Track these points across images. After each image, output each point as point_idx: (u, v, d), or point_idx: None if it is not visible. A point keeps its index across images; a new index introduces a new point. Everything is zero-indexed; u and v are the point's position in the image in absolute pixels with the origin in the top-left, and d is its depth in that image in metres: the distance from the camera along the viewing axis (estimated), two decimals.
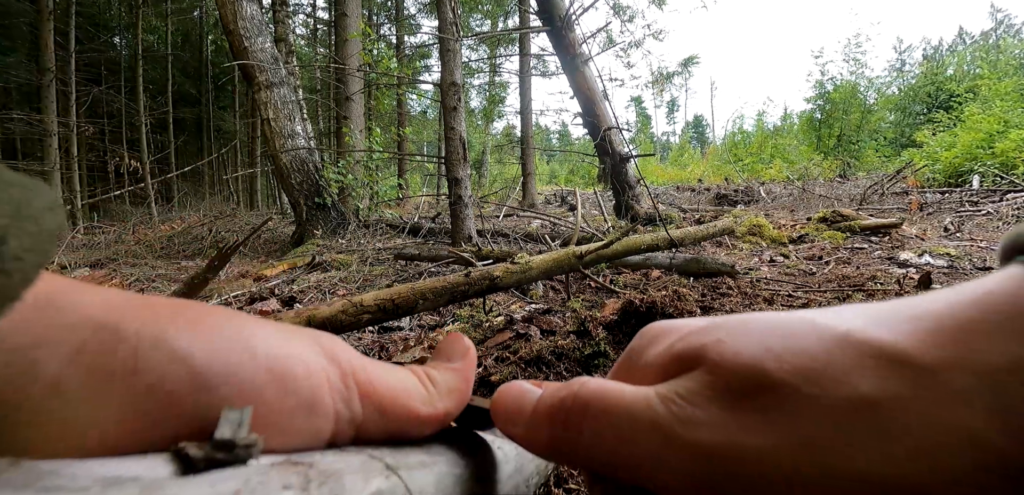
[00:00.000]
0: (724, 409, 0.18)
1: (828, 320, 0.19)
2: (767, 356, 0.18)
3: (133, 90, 11.70)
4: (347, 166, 5.42)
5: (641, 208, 4.62)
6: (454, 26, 3.54)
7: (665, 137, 55.86)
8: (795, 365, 0.18)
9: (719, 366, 0.19)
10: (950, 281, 1.74)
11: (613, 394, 0.21)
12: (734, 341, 0.20)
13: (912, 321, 0.18)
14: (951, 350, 0.16)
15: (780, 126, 19.61)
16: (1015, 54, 12.58)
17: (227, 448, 0.15)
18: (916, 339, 0.17)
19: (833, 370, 0.17)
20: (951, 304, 0.18)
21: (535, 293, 1.85)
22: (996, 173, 5.66)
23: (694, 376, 0.20)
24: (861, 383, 0.17)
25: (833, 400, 0.17)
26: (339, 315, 1.13)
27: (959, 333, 0.17)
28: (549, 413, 0.22)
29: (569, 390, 0.22)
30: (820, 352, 0.18)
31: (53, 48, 7.96)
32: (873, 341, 0.17)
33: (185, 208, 9.01)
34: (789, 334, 0.19)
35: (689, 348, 0.21)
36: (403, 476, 0.21)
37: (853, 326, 0.18)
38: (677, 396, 0.19)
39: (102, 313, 0.18)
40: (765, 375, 0.18)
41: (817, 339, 0.18)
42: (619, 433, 0.20)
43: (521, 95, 10.08)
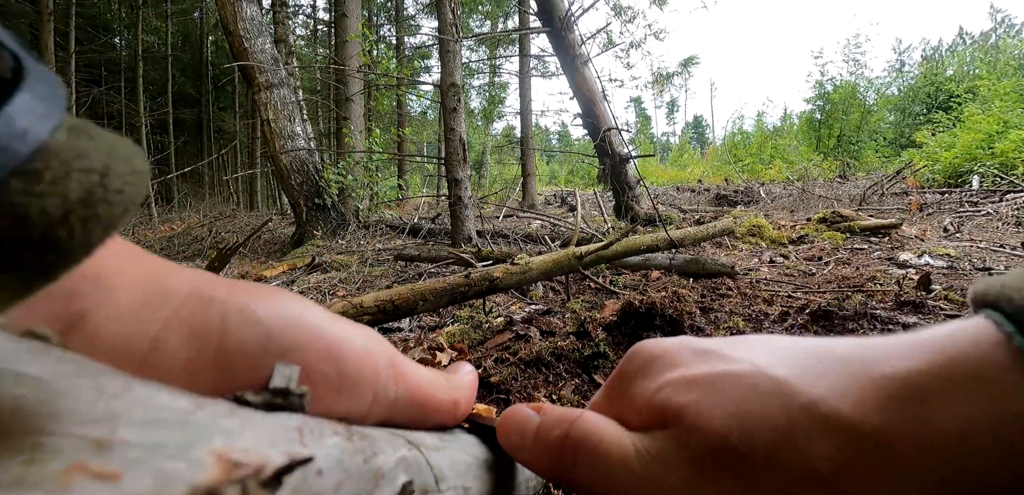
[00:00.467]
0: (691, 473, 0.20)
1: (796, 382, 0.20)
2: (734, 426, 0.20)
3: (133, 91, 11.71)
4: (347, 167, 5.42)
5: (641, 209, 4.62)
6: (454, 27, 3.54)
7: (665, 137, 55.87)
8: (759, 436, 0.19)
9: (690, 432, 0.21)
10: (949, 281, 1.74)
11: (601, 438, 0.23)
12: (708, 405, 0.21)
13: (869, 386, 0.19)
14: (907, 419, 0.17)
15: (780, 127, 19.61)
16: (1015, 55, 12.59)
17: (283, 395, 0.18)
18: (871, 409, 0.18)
19: (793, 442, 0.18)
20: (912, 367, 0.18)
21: (535, 294, 1.85)
22: (996, 173, 5.67)
23: (668, 437, 0.22)
24: (819, 456, 0.18)
25: (791, 469, 0.18)
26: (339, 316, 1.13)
27: (916, 399, 0.18)
28: (547, 446, 0.24)
29: (564, 428, 0.24)
30: (783, 422, 0.19)
31: (53, 48, 7.96)
32: (833, 413, 0.18)
33: (185, 209, 9.01)
34: (757, 401, 0.20)
35: (668, 405, 0.22)
36: (423, 451, 0.23)
37: (817, 394, 0.19)
38: (652, 457, 0.21)
39: (195, 284, 0.21)
40: (731, 446, 0.19)
41: (782, 408, 0.19)
42: (604, 475, 0.22)
43: (521, 96, 10.09)
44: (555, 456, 0.24)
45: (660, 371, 0.24)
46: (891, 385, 0.18)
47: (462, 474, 0.26)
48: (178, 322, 0.20)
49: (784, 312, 1.35)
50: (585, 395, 0.95)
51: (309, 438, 0.16)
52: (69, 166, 0.13)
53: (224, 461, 0.13)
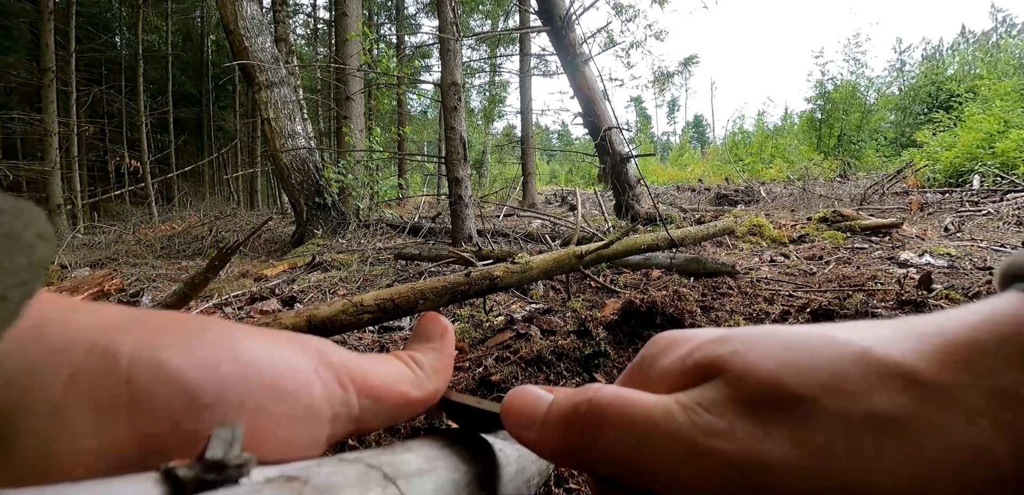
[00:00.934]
0: (745, 419, 0.19)
1: (846, 335, 0.19)
2: (787, 369, 0.19)
3: (133, 90, 11.70)
4: (347, 166, 5.42)
5: (641, 208, 4.62)
6: (454, 26, 3.54)
7: (665, 137, 55.86)
8: (814, 379, 0.18)
9: (740, 377, 0.19)
10: (950, 281, 1.74)
11: (630, 401, 0.21)
12: (754, 352, 0.20)
13: (925, 340, 0.18)
14: (962, 371, 0.17)
15: (780, 126, 19.60)
16: (1015, 54, 12.57)
17: (218, 469, 0.15)
18: (930, 359, 0.18)
19: (851, 385, 0.18)
20: (961, 326, 0.18)
21: (535, 293, 1.85)
22: (996, 173, 5.66)
23: (714, 386, 0.20)
24: (878, 399, 0.17)
25: (850, 414, 0.17)
26: (339, 315, 1.13)
27: (970, 355, 0.17)
28: (563, 418, 0.22)
29: (584, 396, 0.22)
30: (838, 367, 0.18)
31: (53, 48, 7.96)
32: (889, 359, 0.18)
33: (185, 208, 9.02)
34: (807, 348, 0.19)
35: (708, 358, 0.21)
36: (401, 486, 0.20)
37: (869, 343, 0.19)
38: (698, 405, 0.20)
39: (94, 335, 0.18)
40: (785, 388, 0.18)
41: (835, 355, 0.19)
42: (637, 441, 0.20)
43: (521, 95, 10.08)
44: (574, 430, 0.22)
45: (688, 342, 0.23)
46: (944, 341, 0.18)
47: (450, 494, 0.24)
48: (78, 393, 0.17)
49: (785, 311, 1.35)
50: None
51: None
52: None
53: None
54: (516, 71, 11.35)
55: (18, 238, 0.14)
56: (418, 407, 0.26)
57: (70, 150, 9.35)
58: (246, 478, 0.16)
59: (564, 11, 4.65)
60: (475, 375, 1.02)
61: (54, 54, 7.97)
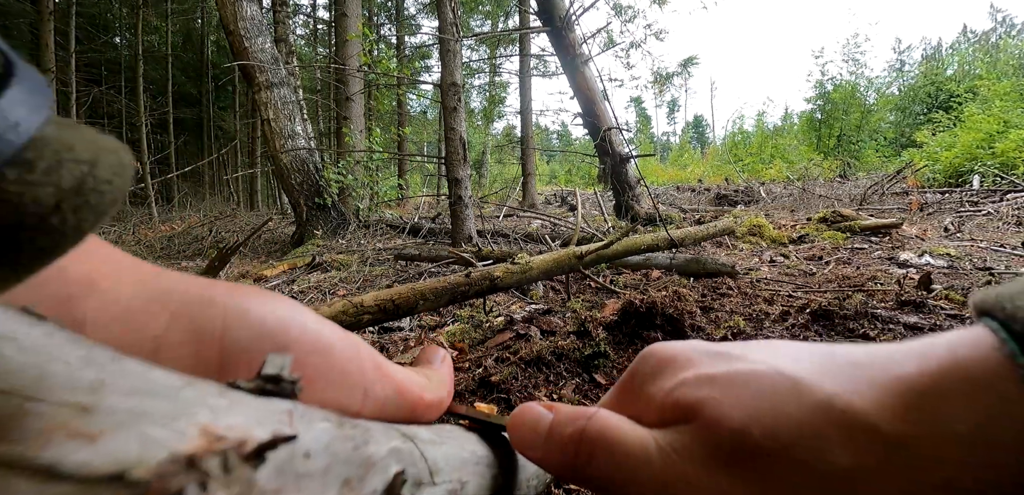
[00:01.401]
0: (711, 469, 0.20)
1: (813, 381, 0.20)
2: (754, 421, 0.20)
3: (133, 90, 11.70)
4: (347, 166, 5.42)
5: (641, 208, 4.62)
6: (454, 26, 3.54)
7: (665, 137, 55.86)
8: (779, 432, 0.19)
9: (712, 425, 0.21)
10: (950, 281, 1.74)
11: (618, 435, 0.23)
12: (728, 401, 0.21)
13: (885, 388, 0.19)
14: (922, 423, 0.18)
15: (780, 126, 19.61)
16: (1015, 54, 12.58)
17: (275, 381, 0.18)
18: (889, 409, 0.19)
19: (813, 439, 0.19)
20: (924, 368, 0.19)
21: (535, 293, 1.85)
22: (996, 173, 5.66)
23: (689, 431, 0.22)
24: (838, 454, 0.18)
25: (812, 467, 0.18)
26: (339, 315, 1.13)
27: (928, 402, 0.18)
28: (562, 443, 0.24)
29: (579, 425, 0.24)
30: (802, 420, 0.19)
31: (53, 48, 7.96)
32: (851, 410, 0.19)
33: (185, 208, 9.02)
34: (777, 397, 0.20)
35: (686, 400, 0.23)
36: (418, 444, 0.23)
37: (834, 390, 0.20)
38: (672, 449, 0.21)
39: (193, 286, 0.22)
40: (751, 440, 0.20)
41: (799, 406, 0.20)
42: (623, 473, 0.22)
43: (521, 95, 10.08)
44: (570, 453, 0.24)
45: (676, 371, 0.24)
46: (904, 387, 0.19)
47: (458, 468, 0.26)
48: (180, 322, 0.20)
49: (785, 311, 1.35)
50: (586, 394, 0.95)
51: (298, 422, 0.16)
52: (60, 156, 0.14)
53: (207, 433, 0.13)
54: (516, 71, 11.36)
55: (106, 143, 0.16)
56: (429, 410, 0.29)
57: None
58: (293, 399, 0.18)
59: (564, 11, 4.65)
60: (475, 375, 1.02)
61: (54, 54, 7.98)
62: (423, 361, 0.34)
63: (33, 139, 0.13)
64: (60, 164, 0.14)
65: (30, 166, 0.13)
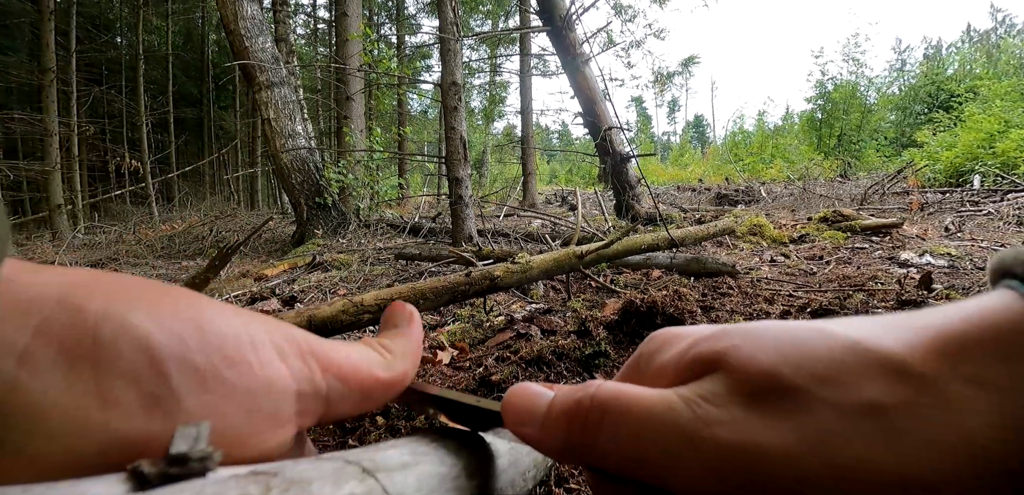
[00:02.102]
0: (744, 410, 0.19)
1: (838, 329, 0.20)
2: (783, 361, 0.20)
3: (134, 90, 11.70)
4: (348, 166, 5.42)
5: (642, 208, 4.62)
6: (455, 26, 3.54)
7: (666, 137, 55.85)
8: (809, 370, 0.19)
9: (739, 370, 0.20)
10: (951, 281, 1.74)
11: (632, 396, 0.21)
12: (751, 347, 0.21)
13: (915, 333, 0.19)
14: (949, 363, 0.18)
15: (781, 126, 19.59)
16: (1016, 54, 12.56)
17: (181, 462, 0.16)
18: (919, 351, 0.19)
19: (844, 375, 0.19)
20: (951, 319, 0.19)
21: (536, 293, 1.85)
22: (997, 173, 5.66)
23: (714, 379, 0.21)
24: (869, 388, 0.18)
25: (844, 403, 0.18)
26: (339, 315, 1.14)
27: (957, 348, 0.18)
28: (565, 414, 0.23)
29: (586, 392, 0.23)
30: (831, 358, 0.19)
31: (54, 48, 7.96)
32: (880, 350, 0.19)
33: (186, 208, 9.02)
34: (802, 341, 0.20)
35: (707, 353, 0.22)
36: (381, 479, 0.20)
37: (861, 336, 0.20)
38: (699, 398, 0.20)
39: (63, 291, 0.18)
40: (782, 379, 0.19)
41: (828, 347, 0.20)
42: (639, 434, 0.20)
43: (522, 95, 10.08)
44: (576, 425, 0.22)
45: (685, 339, 0.24)
46: (933, 335, 0.19)
47: (433, 490, 0.23)
48: (44, 338, 0.17)
49: (785, 311, 1.35)
50: None
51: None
52: None
53: None
54: (516, 71, 11.36)
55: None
56: (389, 388, 0.27)
57: (70, 150, 9.36)
58: (212, 473, 0.16)
59: (564, 11, 4.65)
60: (475, 375, 1.02)
61: (55, 54, 7.98)
62: (388, 323, 0.31)
63: None
64: None
65: None
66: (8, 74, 8.98)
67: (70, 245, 5.28)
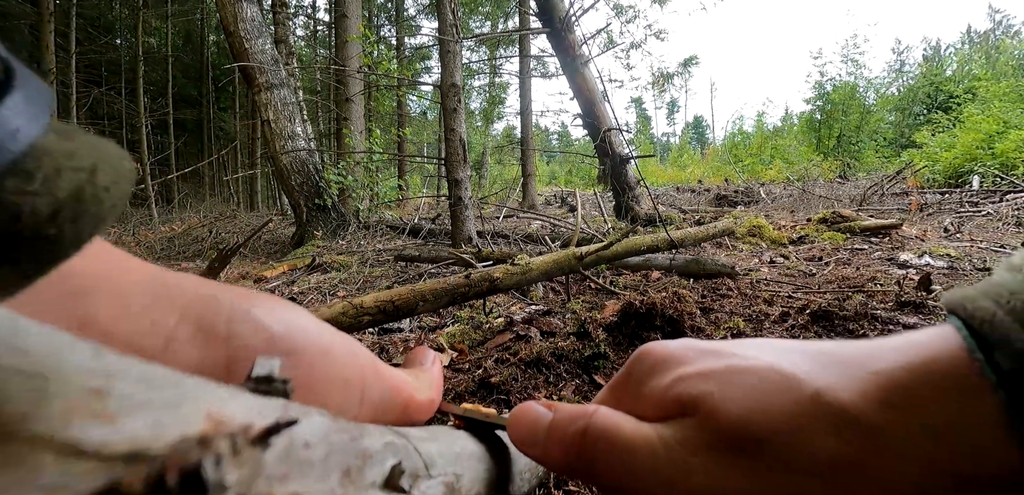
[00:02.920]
0: (715, 458, 0.21)
1: (804, 375, 0.22)
2: (752, 413, 0.21)
3: (134, 91, 11.71)
4: (347, 167, 5.42)
5: (641, 209, 4.62)
6: (454, 28, 3.54)
7: (665, 138, 55.85)
8: (774, 422, 0.21)
9: (713, 419, 0.22)
10: (950, 281, 1.74)
11: (621, 431, 0.24)
12: (725, 395, 0.22)
13: (869, 379, 0.20)
14: (896, 412, 0.19)
15: (780, 127, 19.62)
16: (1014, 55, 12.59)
17: (267, 381, 0.18)
18: (870, 400, 0.20)
19: (805, 430, 0.20)
20: (898, 365, 0.20)
21: (535, 294, 1.85)
22: (996, 174, 5.66)
23: (691, 424, 0.22)
24: (825, 443, 0.20)
25: (801, 456, 0.20)
26: (339, 317, 1.14)
27: (902, 395, 0.19)
28: (563, 441, 0.25)
29: (580, 424, 0.25)
30: (795, 412, 0.21)
31: (54, 49, 7.96)
32: (836, 402, 0.20)
33: (185, 209, 9.02)
34: (771, 391, 0.22)
35: (687, 395, 0.23)
36: (410, 440, 0.24)
37: (822, 385, 0.21)
38: (676, 443, 0.22)
39: (200, 286, 0.23)
40: (749, 430, 0.21)
41: (793, 398, 0.21)
42: (625, 469, 0.23)
43: (521, 96, 10.08)
44: (573, 450, 0.24)
45: (672, 368, 0.25)
46: (883, 380, 0.20)
47: (452, 462, 0.26)
48: (187, 321, 0.21)
49: (784, 312, 1.35)
50: (586, 395, 0.95)
51: (295, 413, 0.17)
52: (60, 164, 0.14)
53: (213, 418, 0.14)
54: (516, 72, 11.36)
55: (107, 149, 0.17)
56: (421, 409, 0.30)
57: None
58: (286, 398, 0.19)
59: (564, 12, 4.65)
60: (475, 376, 1.02)
61: (54, 55, 7.98)
62: (413, 363, 0.35)
63: (32, 147, 0.13)
64: (58, 173, 0.14)
65: (29, 175, 0.13)
66: None
67: None
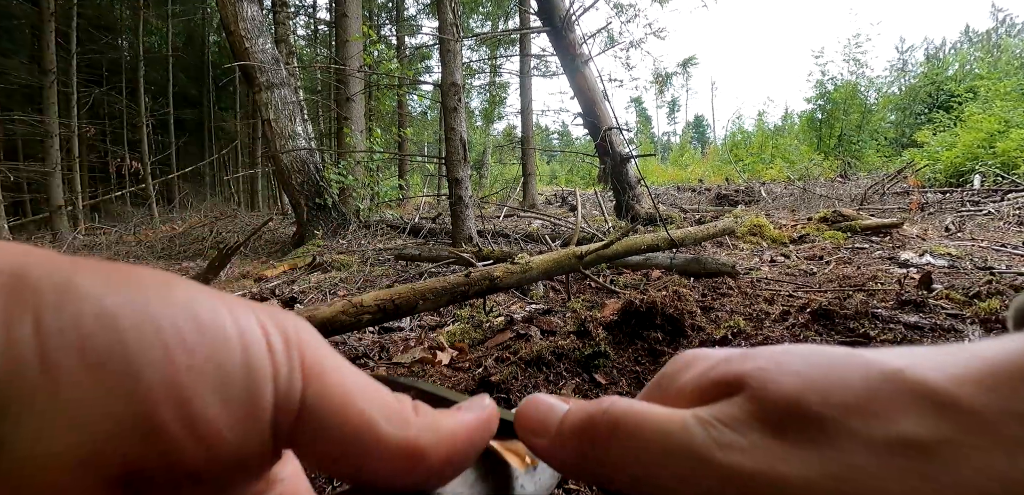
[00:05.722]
0: (765, 437, 0.18)
1: (876, 356, 0.19)
2: (810, 388, 0.18)
3: (134, 91, 11.72)
4: (348, 167, 5.42)
5: (641, 208, 4.62)
6: (454, 27, 3.54)
7: (666, 137, 55.83)
8: (839, 399, 0.18)
9: (762, 394, 0.19)
10: (951, 281, 1.74)
11: (645, 413, 0.21)
12: (777, 370, 0.19)
13: (963, 364, 0.18)
14: (1002, 398, 0.16)
15: (781, 126, 19.61)
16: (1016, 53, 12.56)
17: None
18: (966, 383, 0.17)
19: (877, 407, 0.17)
20: (1003, 351, 0.17)
21: (535, 293, 1.85)
22: (997, 173, 5.65)
23: (735, 402, 0.20)
24: (907, 422, 0.17)
25: (876, 437, 0.17)
26: (339, 315, 1.14)
27: (1008, 380, 0.16)
28: (577, 429, 0.22)
29: (599, 407, 0.22)
30: (866, 388, 0.18)
31: (54, 49, 7.98)
32: (923, 381, 0.17)
33: (186, 209, 9.03)
34: (834, 367, 0.19)
35: (729, 374, 0.21)
36: None
37: (902, 365, 0.18)
38: (716, 420, 0.19)
39: (13, 259, 0.15)
40: (808, 406, 0.18)
41: (863, 375, 0.18)
42: (649, 453, 0.20)
43: (521, 95, 10.08)
44: (586, 440, 0.21)
45: (709, 359, 0.23)
46: (986, 367, 0.17)
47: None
48: None
49: (785, 311, 1.35)
50: (586, 394, 0.95)
51: None
52: None
53: None
54: (516, 72, 11.36)
55: None
56: (389, 455, 0.19)
57: (71, 151, 9.36)
58: None
59: (564, 12, 4.65)
60: (475, 375, 1.02)
61: (55, 55, 7.99)
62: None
63: None
64: None
65: None
66: (9, 75, 8.99)
67: (70, 246, 5.28)
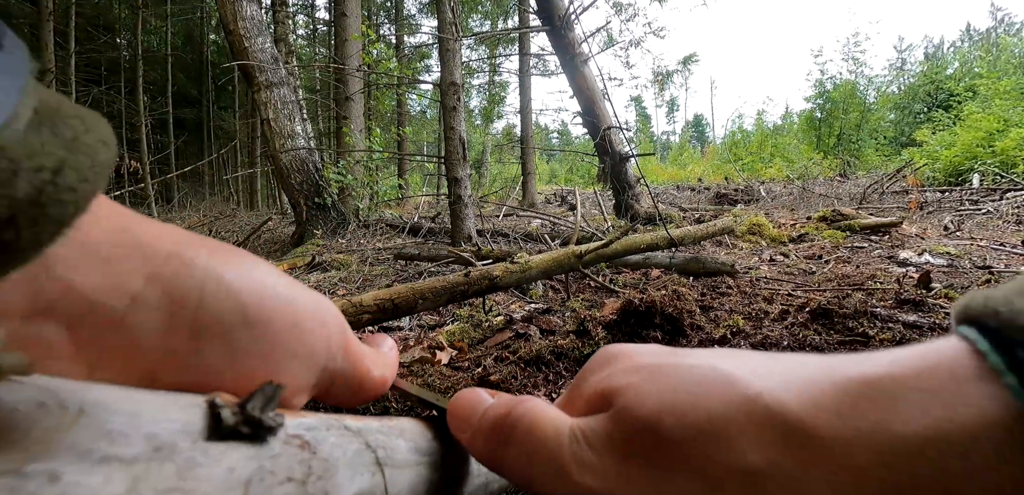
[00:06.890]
0: (616, 459, 0.19)
1: (747, 378, 0.18)
2: (670, 410, 0.18)
3: (133, 90, 11.70)
4: (347, 166, 5.42)
5: (641, 207, 4.62)
6: (454, 26, 3.53)
7: (665, 136, 55.81)
8: (691, 424, 0.18)
9: (623, 414, 0.20)
10: (950, 279, 1.74)
11: (540, 417, 0.22)
12: (643, 389, 0.20)
13: (833, 386, 0.17)
14: (862, 420, 0.16)
15: (780, 125, 19.60)
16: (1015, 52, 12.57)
17: (255, 425, 0.18)
18: (827, 408, 0.17)
19: (725, 434, 0.17)
20: (879, 372, 0.17)
21: (535, 293, 1.85)
22: (996, 172, 5.66)
23: (602, 419, 0.20)
24: (749, 451, 0.17)
25: (719, 464, 0.17)
26: None
27: (877, 401, 0.16)
28: (489, 425, 0.23)
29: (510, 405, 0.23)
30: (722, 413, 0.18)
31: (53, 48, 7.96)
32: (776, 407, 0.17)
33: (185, 208, 9.02)
34: (700, 389, 0.19)
35: (609, 388, 0.21)
36: (387, 473, 0.23)
37: (765, 388, 0.18)
38: (583, 435, 0.20)
39: (176, 244, 0.20)
40: (660, 430, 0.18)
41: (722, 399, 0.18)
42: (534, 457, 0.21)
43: (521, 94, 10.08)
44: (492, 437, 0.23)
45: (614, 363, 0.23)
46: (852, 386, 0.17)
47: (418, 449, 0.26)
48: (155, 286, 0.19)
49: (784, 310, 1.35)
50: None
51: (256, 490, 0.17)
52: (17, 166, 0.13)
53: None
54: (516, 71, 11.35)
55: (83, 138, 0.15)
56: (375, 387, 0.28)
57: None
58: (269, 438, 0.18)
59: (563, 11, 4.65)
60: (474, 375, 1.02)
61: (53, 55, 7.98)
62: (371, 344, 0.33)
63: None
64: (16, 174, 0.13)
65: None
66: None
67: None
